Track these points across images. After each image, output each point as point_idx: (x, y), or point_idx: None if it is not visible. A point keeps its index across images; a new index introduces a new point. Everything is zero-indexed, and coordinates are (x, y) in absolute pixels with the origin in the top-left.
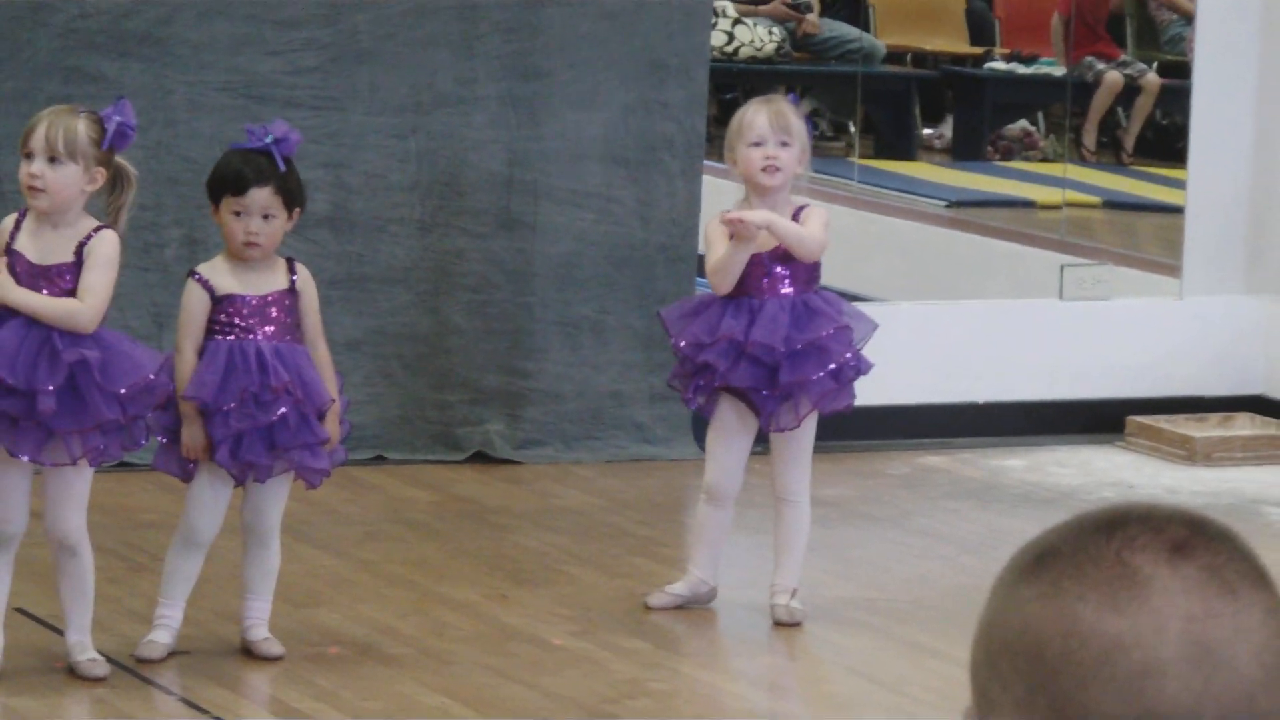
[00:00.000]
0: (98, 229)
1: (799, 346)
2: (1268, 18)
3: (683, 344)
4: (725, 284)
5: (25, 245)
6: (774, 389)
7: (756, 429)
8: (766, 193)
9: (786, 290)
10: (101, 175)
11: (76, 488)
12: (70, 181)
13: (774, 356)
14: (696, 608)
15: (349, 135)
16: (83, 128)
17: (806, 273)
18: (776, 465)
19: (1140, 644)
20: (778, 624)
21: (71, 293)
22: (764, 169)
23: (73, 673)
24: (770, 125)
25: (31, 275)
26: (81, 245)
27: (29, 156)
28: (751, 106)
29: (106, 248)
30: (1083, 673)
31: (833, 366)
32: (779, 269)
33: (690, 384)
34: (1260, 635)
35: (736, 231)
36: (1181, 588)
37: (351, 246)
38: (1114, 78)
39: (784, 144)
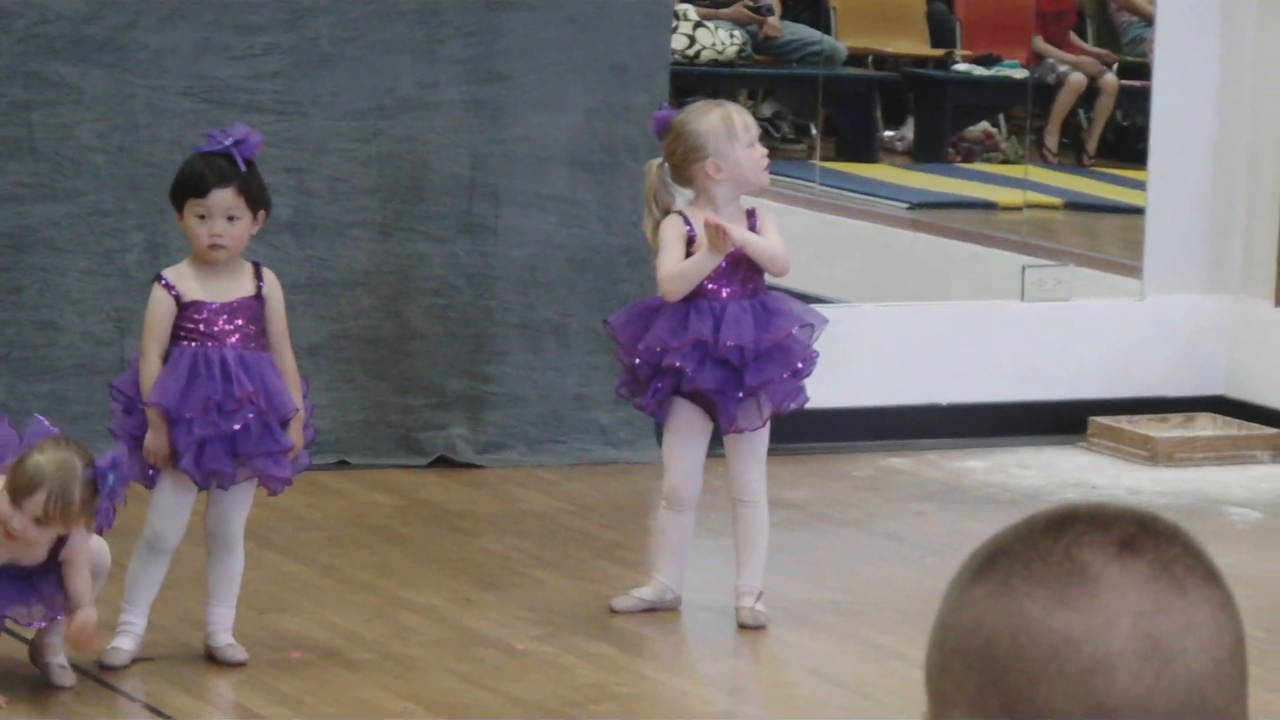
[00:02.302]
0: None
1: (764, 347)
2: (1227, 19)
3: (641, 348)
4: (680, 291)
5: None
6: (739, 391)
7: (712, 431)
8: (757, 192)
9: (732, 293)
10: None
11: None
12: (46, 541)
13: (743, 358)
14: (661, 611)
15: (311, 140)
16: (79, 497)
17: (756, 275)
18: (734, 466)
19: (1090, 639)
20: (742, 627)
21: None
22: (765, 168)
23: (40, 676)
24: (755, 126)
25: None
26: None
27: (20, 510)
28: (730, 109)
29: None
30: (1033, 669)
31: (799, 365)
32: (730, 273)
33: (646, 389)
34: (1210, 630)
35: (715, 240)
36: (1131, 583)
37: (313, 251)
38: (1077, 79)
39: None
